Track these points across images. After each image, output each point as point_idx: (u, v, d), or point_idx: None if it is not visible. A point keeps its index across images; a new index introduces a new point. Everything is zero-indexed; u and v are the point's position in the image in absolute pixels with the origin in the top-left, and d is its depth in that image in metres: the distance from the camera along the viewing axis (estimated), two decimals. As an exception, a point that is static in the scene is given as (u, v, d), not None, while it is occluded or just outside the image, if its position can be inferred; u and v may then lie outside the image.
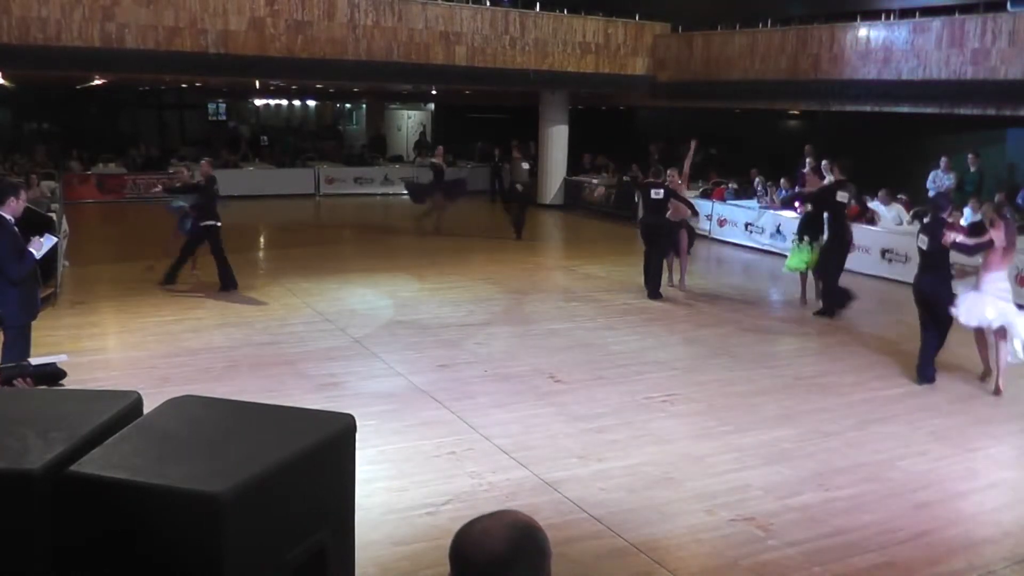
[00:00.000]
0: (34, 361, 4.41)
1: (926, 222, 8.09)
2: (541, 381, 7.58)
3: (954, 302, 7.52)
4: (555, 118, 20.17)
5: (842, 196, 10.02)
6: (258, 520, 2.24)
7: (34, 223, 7.89)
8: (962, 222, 11.28)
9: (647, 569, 4.57)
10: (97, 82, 19.31)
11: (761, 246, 14.77)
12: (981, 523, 5.23)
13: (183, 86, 22.93)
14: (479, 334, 9.09)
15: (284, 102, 28.88)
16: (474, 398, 7.09)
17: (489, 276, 12.18)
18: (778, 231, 14.36)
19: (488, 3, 17.61)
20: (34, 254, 6.16)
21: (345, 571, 2.69)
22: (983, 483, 5.79)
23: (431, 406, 6.89)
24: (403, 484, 5.46)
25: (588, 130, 21.57)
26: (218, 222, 10.73)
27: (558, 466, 5.78)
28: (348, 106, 29.44)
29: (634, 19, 18.62)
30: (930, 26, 13.50)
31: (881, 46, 14.18)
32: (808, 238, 10.50)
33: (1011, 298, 7.53)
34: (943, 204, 8.01)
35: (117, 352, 8.35)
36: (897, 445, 6.30)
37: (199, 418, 2.69)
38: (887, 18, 14.83)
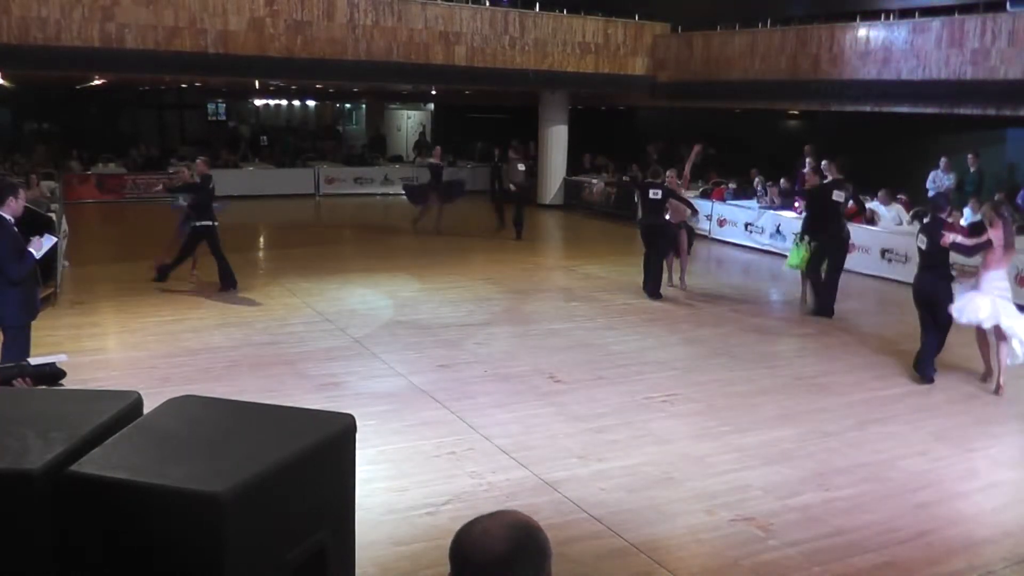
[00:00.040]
0: (34, 361, 4.39)
1: (925, 222, 8.10)
2: (541, 381, 7.57)
3: (954, 302, 7.53)
4: (555, 118, 20.17)
5: (838, 196, 10.01)
6: (258, 520, 2.24)
7: (34, 223, 7.88)
8: (962, 222, 11.31)
9: (647, 569, 4.56)
10: (97, 82, 19.31)
11: (761, 246, 14.76)
12: (981, 523, 5.23)
13: (183, 86, 22.92)
14: (479, 334, 9.09)
15: (284, 102, 28.87)
16: (474, 398, 7.09)
17: (489, 276, 12.18)
18: (778, 231, 14.36)
19: (488, 3, 17.61)
20: (34, 254, 6.15)
21: (345, 571, 2.69)
22: (983, 483, 5.78)
23: (431, 406, 6.89)
24: (403, 484, 5.46)
25: (588, 130, 21.56)
26: (215, 222, 10.74)
27: (558, 466, 5.78)
28: (348, 106, 29.43)
29: (634, 19, 18.61)
30: (930, 26, 13.50)
31: (881, 46, 14.18)
32: (808, 237, 10.50)
33: (1011, 297, 7.54)
34: (942, 204, 8.03)
35: (117, 352, 8.35)
36: (897, 445, 6.30)
37: (199, 418, 2.69)
38: (887, 18, 14.84)
